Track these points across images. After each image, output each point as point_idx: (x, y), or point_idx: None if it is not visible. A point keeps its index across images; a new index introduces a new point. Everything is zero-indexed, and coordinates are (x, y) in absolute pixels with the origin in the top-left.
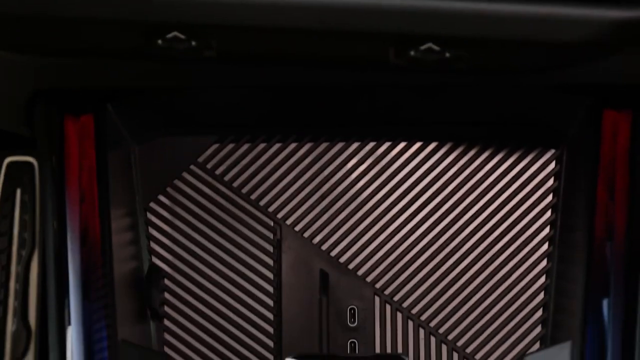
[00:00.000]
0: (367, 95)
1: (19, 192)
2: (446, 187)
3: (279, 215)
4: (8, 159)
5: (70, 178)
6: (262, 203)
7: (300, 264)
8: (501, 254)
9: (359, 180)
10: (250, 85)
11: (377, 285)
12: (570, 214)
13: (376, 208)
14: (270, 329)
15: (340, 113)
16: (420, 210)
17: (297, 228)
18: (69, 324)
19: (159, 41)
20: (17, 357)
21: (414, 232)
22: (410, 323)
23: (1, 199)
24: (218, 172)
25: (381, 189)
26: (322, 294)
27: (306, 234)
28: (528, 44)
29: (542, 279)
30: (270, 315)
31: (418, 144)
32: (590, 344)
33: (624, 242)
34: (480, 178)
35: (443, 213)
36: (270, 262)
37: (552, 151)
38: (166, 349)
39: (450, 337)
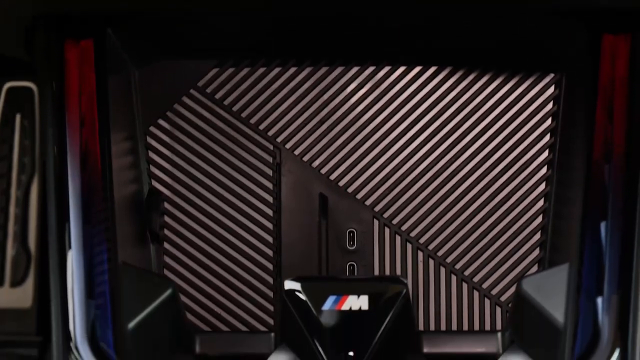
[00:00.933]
0: (367, 21)
1: (18, 117)
2: (445, 110)
3: (279, 139)
4: (8, 84)
5: (70, 103)
6: (261, 127)
7: (300, 187)
8: (500, 177)
9: (358, 104)
10: (250, 10)
11: (376, 209)
12: (569, 137)
13: (375, 132)
14: (270, 252)
15: (340, 39)
16: (420, 134)
17: (296, 152)
18: (70, 247)
19: None
20: (17, 282)
21: (413, 155)
22: (409, 246)
23: (1, 124)
24: (218, 96)
25: (380, 112)
26: (322, 217)
27: (305, 158)
28: None
29: (541, 202)
30: (269, 239)
31: (417, 68)
32: (588, 266)
33: (622, 165)
34: (480, 102)
35: (442, 137)
36: (270, 185)
37: (552, 75)
38: (166, 272)
39: (448, 260)
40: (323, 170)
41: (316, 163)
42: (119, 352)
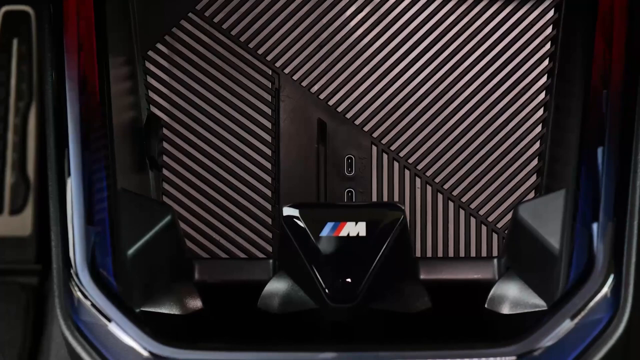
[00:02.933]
0: None
1: (15, 42)
2: (444, 35)
3: (277, 64)
4: (4, 9)
5: (68, 27)
6: (260, 51)
7: (298, 113)
8: (498, 103)
9: (357, 29)
10: None
11: (375, 135)
12: (567, 63)
13: (374, 57)
14: (269, 178)
15: None
16: (418, 59)
17: (295, 77)
18: (69, 174)
19: None
20: (16, 210)
21: (411, 80)
22: (407, 172)
23: None
24: (216, 19)
25: (379, 37)
26: (320, 143)
27: (304, 83)
28: None
29: (538, 129)
30: (268, 165)
31: None
32: (584, 193)
33: (620, 91)
34: (479, 26)
35: (441, 61)
36: (269, 111)
37: None
38: (165, 199)
39: (446, 186)
40: (322, 96)
41: (315, 88)
42: (119, 279)
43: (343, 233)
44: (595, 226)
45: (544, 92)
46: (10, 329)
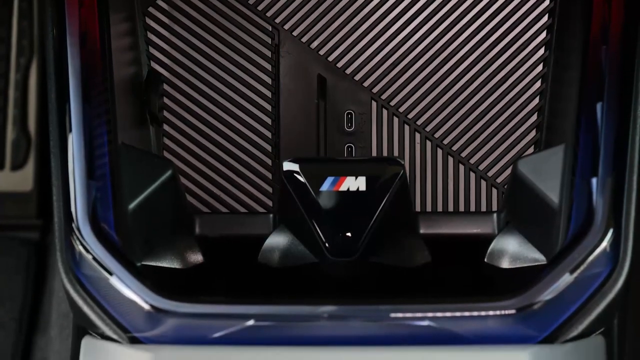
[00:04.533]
0: None
1: None
2: None
3: (277, 20)
4: None
5: None
6: (260, 7)
7: (298, 69)
8: (497, 58)
9: None
10: None
11: (374, 90)
12: (567, 17)
13: (374, 13)
14: (269, 134)
15: None
16: (418, 15)
17: (295, 33)
18: (70, 130)
19: None
20: (17, 165)
21: (411, 36)
22: (407, 128)
23: None
24: None
25: None
26: (320, 99)
27: (304, 39)
28: None
29: (538, 84)
30: (268, 120)
31: None
32: (583, 148)
33: (619, 46)
34: None
35: (441, 17)
36: (269, 67)
37: None
38: (165, 154)
39: (445, 141)
40: (322, 52)
41: (315, 44)
42: (120, 233)
43: (343, 188)
44: (594, 181)
45: (543, 48)
46: (11, 283)
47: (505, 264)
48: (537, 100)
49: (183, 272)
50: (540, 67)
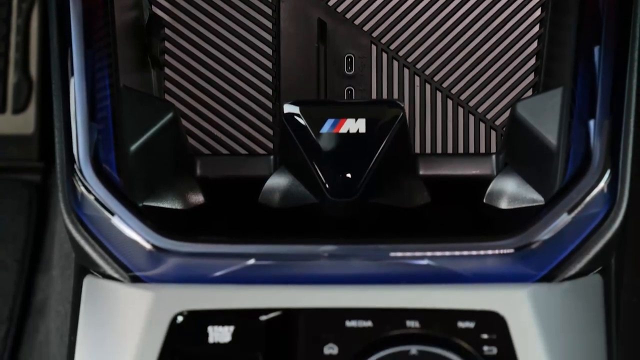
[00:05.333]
0: None
1: None
2: None
3: None
4: None
5: None
6: None
7: (298, 13)
8: (497, 2)
9: None
10: None
11: (374, 34)
12: None
13: None
14: (269, 77)
15: None
16: None
17: None
18: (72, 73)
19: None
20: (19, 109)
21: None
22: (406, 71)
23: None
24: None
25: None
26: (320, 43)
27: None
28: None
29: (536, 28)
30: (269, 64)
31: None
32: (581, 90)
33: None
34: None
35: None
36: (269, 11)
37: None
38: (167, 97)
39: (445, 84)
40: None
41: None
42: (122, 174)
43: (343, 130)
44: (592, 123)
45: None
46: (13, 224)
47: (503, 204)
48: (535, 44)
49: (184, 212)
50: (538, 12)
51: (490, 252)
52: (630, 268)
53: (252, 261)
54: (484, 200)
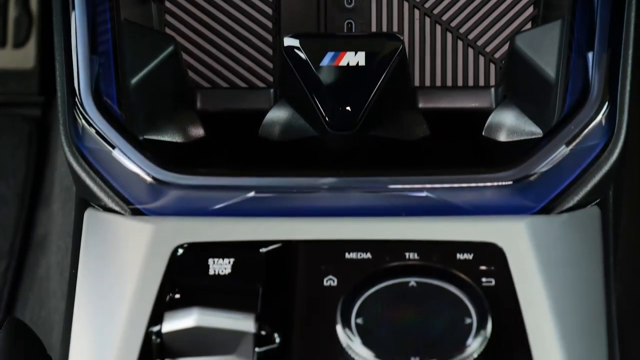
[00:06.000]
0: None
1: None
2: None
3: None
4: None
5: None
6: None
7: None
8: None
9: None
10: None
11: None
12: None
13: None
14: (269, 10)
15: None
16: None
17: None
18: (73, 7)
19: None
20: (19, 43)
21: None
22: (406, 5)
23: None
24: None
25: None
26: None
27: None
28: None
29: None
30: None
31: None
32: (580, 23)
33: None
34: None
35: None
36: None
37: None
38: (167, 30)
39: (444, 17)
40: None
41: None
42: (122, 107)
43: (343, 63)
44: (590, 55)
45: None
46: (13, 159)
47: (502, 137)
48: None
49: (184, 145)
50: None
51: (488, 184)
52: (629, 199)
53: (252, 194)
54: (483, 133)
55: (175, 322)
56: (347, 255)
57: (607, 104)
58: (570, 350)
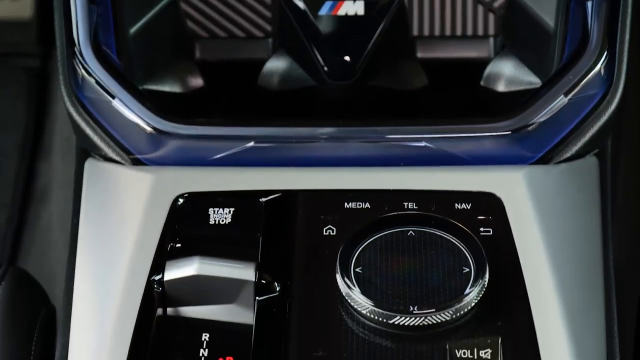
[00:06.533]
0: None
1: None
2: None
3: None
4: None
5: None
6: None
7: None
8: None
9: None
10: None
11: None
12: None
13: None
14: None
15: None
16: None
17: None
18: None
19: None
20: None
21: None
22: None
23: None
24: None
25: None
26: None
27: None
28: None
29: None
30: None
31: None
32: None
33: None
34: None
35: None
36: None
37: None
38: None
39: None
40: None
41: None
42: (122, 57)
43: (341, 12)
44: (589, 4)
45: None
46: (13, 110)
47: (500, 87)
48: None
49: (183, 95)
50: None
51: (487, 134)
52: (628, 150)
53: (251, 143)
54: (481, 83)
55: (177, 271)
56: (346, 205)
57: (606, 53)
58: (568, 299)
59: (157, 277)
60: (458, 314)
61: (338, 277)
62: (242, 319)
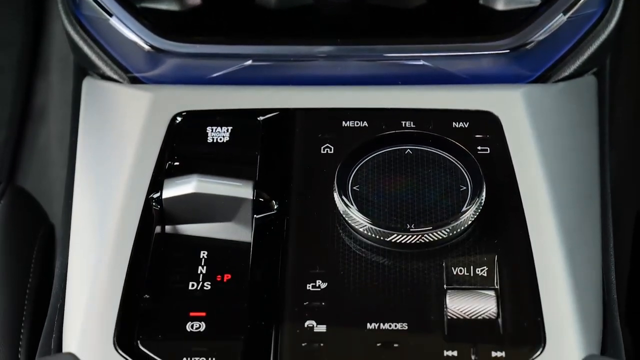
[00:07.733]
0: None
1: None
2: None
3: None
4: None
5: None
6: None
7: None
8: None
9: None
10: None
11: None
12: None
13: None
14: None
15: None
16: None
17: None
18: None
19: None
20: None
21: None
22: None
23: None
24: None
25: None
26: None
27: None
28: None
29: None
30: None
31: None
32: None
33: None
34: None
35: None
36: None
37: None
38: None
39: None
40: None
41: None
42: None
43: None
44: None
45: None
46: (10, 28)
47: (500, 5)
48: None
49: (181, 13)
50: None
51: (485, 52)
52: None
53: (249, 62)
54: (480, 1)
55: (175, 189)
56: (344, 124)
57: None
58: (564, 217)
59: (156, 195)
60: (455, 232)
61: (335, 195)
62: (240, 237)
